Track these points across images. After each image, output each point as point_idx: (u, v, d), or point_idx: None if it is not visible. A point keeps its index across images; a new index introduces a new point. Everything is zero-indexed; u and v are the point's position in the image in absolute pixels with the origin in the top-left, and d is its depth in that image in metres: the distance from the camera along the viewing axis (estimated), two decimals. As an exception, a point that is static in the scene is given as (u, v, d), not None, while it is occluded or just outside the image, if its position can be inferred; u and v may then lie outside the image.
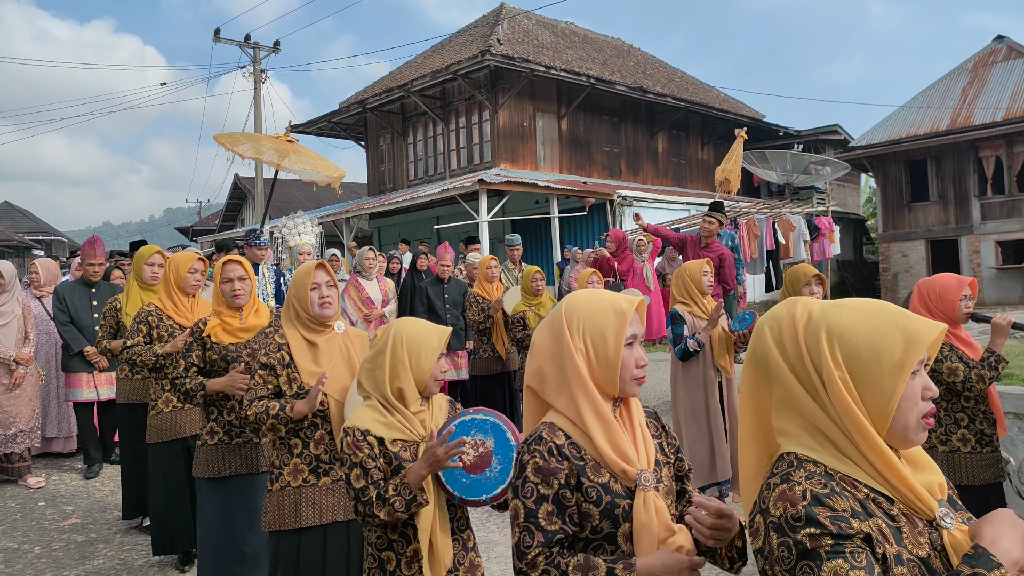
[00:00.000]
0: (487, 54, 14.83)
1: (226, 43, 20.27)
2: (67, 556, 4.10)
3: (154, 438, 3.69)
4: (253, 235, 5.98)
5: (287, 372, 2.53)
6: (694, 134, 20.38)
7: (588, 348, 1.51)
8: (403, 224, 18.88)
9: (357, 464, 1.95)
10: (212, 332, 3.06)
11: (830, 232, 11.43)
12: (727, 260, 6.51)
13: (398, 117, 18.80)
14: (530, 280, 5.60)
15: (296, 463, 2.51)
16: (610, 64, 18.77)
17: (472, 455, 1.95)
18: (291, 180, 25.39)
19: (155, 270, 4.23)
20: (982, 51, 19.42)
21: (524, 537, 1.44)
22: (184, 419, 3.66)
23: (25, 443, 5.34)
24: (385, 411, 2.03)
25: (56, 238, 34.37)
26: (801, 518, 1.08)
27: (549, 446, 1.47)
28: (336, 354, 2.60)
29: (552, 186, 13.72)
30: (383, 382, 2.04)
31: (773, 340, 1.23)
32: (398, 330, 2.08)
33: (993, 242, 17.39)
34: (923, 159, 18.48)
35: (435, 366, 2.06)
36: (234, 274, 3.09)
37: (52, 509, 4.91)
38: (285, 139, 7.38)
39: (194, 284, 3.69)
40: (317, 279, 2.59)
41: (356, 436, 1.98)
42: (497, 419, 1.98)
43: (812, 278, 3.93)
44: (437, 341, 2.06)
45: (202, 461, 3.06)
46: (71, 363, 5.50)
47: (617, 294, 1.59)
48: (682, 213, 15.09)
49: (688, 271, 4.44)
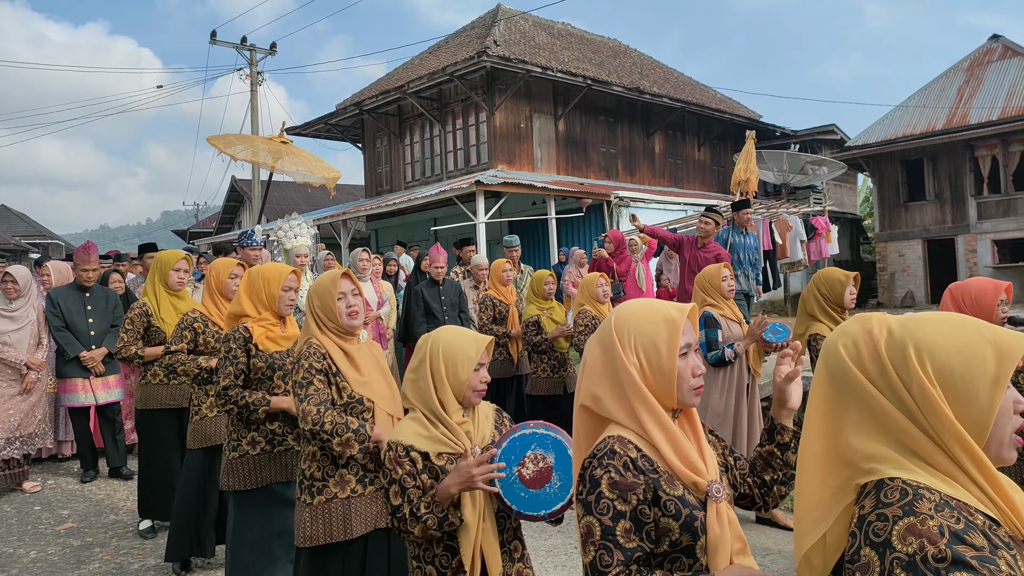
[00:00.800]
0: (483, 55, 14.83)
1: (222, 45, 20.26)
2: (63, 561, 4.09)
3: (197, 443, 3.63)
4: (245, 236, 5.97)
5: (336, 381, 2.47)
6: (690, 134, 20.40)
7: (642, 361, 1.48)
8: (400, 226, 18.87)
9: (396, 481, 1.92)
10: (259, 340, 3.00)
11: (827, 232, 11.45)
12: (723, 260, 6.52)
13: (395, 119, 18.80)
14: (542, 284, 5.54)
15: (343, 474, 2.44)
16: (606, 65, 18.78)
17: (532, 470, 1.92)
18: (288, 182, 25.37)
19: (181, 275, 4.21)
20: (978, 50, 19.46)
21: (602, 556, 1.39)
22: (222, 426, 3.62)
23: (25, 449, 5.28)
24: (429, 424, 1.99)
25: (53, 242, 34.31)
26: (945, 559, 0.99)
27: (624, 460, 1.42)
28: (370, 362, 2.56)
29: (549, 187, 13.72)
30: (427, 393, 1.99)
31: (850, 358, 1.17)
32: (435, 340, 2.04)
33: (989, 241, 17.42)
34: (919, 159, 18.51)
35: (473, 377, 2.01)
36: (294, 284, 3.10)
37: (48, 514, 4.89)
38: (279, 140, 7.37)
39: (234, 290, 3.65)
40: (343, 288, 2.53)
41: (398, 452, 1.94)
42: (559, 435, 1.93)
43: (851, 280, 3.77)
44: (474, 351, 2.00)
45: (241, 472, 2.99)
46: (66, 369, 5.44)
47: (667, 303, 1.54)
48: (679, 213, 15.10)
49: (708, 276, 4.36)
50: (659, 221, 12.91)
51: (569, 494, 1.86)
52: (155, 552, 4.18)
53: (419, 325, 6.52)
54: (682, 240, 6.79)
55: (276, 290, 3.05)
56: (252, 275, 3.07)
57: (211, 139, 7.45)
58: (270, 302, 3.05)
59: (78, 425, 5.59)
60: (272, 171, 7.29)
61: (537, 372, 5.52)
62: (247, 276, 3.12)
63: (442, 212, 16.69)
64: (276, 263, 3.37)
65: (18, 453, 5.25)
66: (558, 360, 5.51)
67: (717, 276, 4.35)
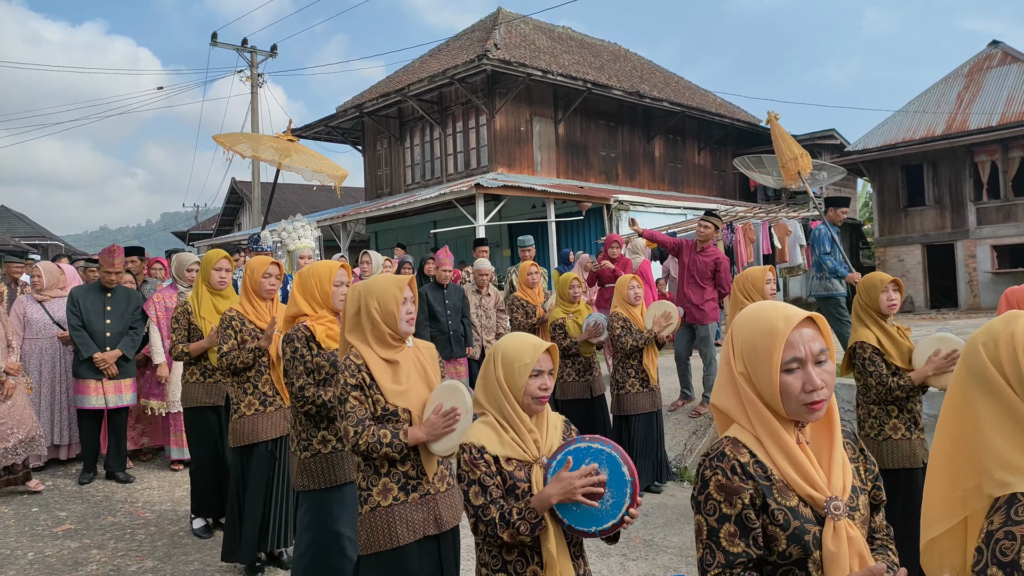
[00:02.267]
0: (484, 59, 14.85)
1: (223, 47, 20.29)
2: (60, 562, 4.08)
3: (236, 442, 3.65)
4: (253, 240, 5.96)
5: (371, 394, 2.44)
6: (690, 138, 20.42)
7: (747, 371, 1.45)
8: (400, 228, 18.88)
9: (476, 481, 1.93)
10: (321, 339, 3.00)
11: (826, 236, 11.41)
12: (722, 264, 6.52)
13: (395, 121, 18.81)
14: (567, 287, 5.51)
15: (385, 483, 2.43)
16: (607, 69, 18.81)
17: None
18: (287, 184, 25.39)
19: (223, 275, 4.30)
20: (977, 56, 19.49)
21: (706, 555, 1.41)
22: (266, 423, 3.65)
23: (26, 453, 5.14)
24: (500, 428, 2.00)
25: (53, 242, 34.28)
26: None
27: (732, 463, 1.41)
28: (412, 370, 2.53)
29: (549, 190, 13.73)
30: (497, 398, 2.02)
31: (989, 357, 1.14)
32: (497, 346, 2.07)
33: (989, 247, 17.43)
34: (919, 164, 18.52)
35: (530, 383, 2.01)
36: (345, 279, 3.13)
37: (46, 515, 4.88)
38: (286, 138, 7.35)
39: (269, 288, 3.73)
40: (407, 293, 2.52)
41: (473, 453, 1.95)
42: (614, 451, 1.89)
43: (889, 284, 3.59)
44: (531, 356, 2.01)
45: (314, 471, 3.00)
46: (80, 369, 5.39)
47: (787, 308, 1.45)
48: (679, 217, 15.10)
49: (751, 277, 4.18)
50: (659, 225, 12.91)
51: (621, 512, 1.84)
52: (153, 554, 4.18)
53: (423, 328, 6.51)
54: (681, 244, 6.79)
55: (328, 287, 3.08)
56: (303, 275, 3.13)
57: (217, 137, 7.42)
58: (324, 299, 3.08)
59: (85, 427, 5.49)
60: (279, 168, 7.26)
61: (563, 376, 5.50)
62: (299, 277, 3.16)
63: (442, 215, 16.70)
64: (326, 260, 3.42)
65: (20, 458, 5.12)
66: (583, 364, 5.47)
67: (761, 279, 4.12)
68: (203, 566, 3.97)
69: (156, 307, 5.52)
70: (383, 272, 6.51)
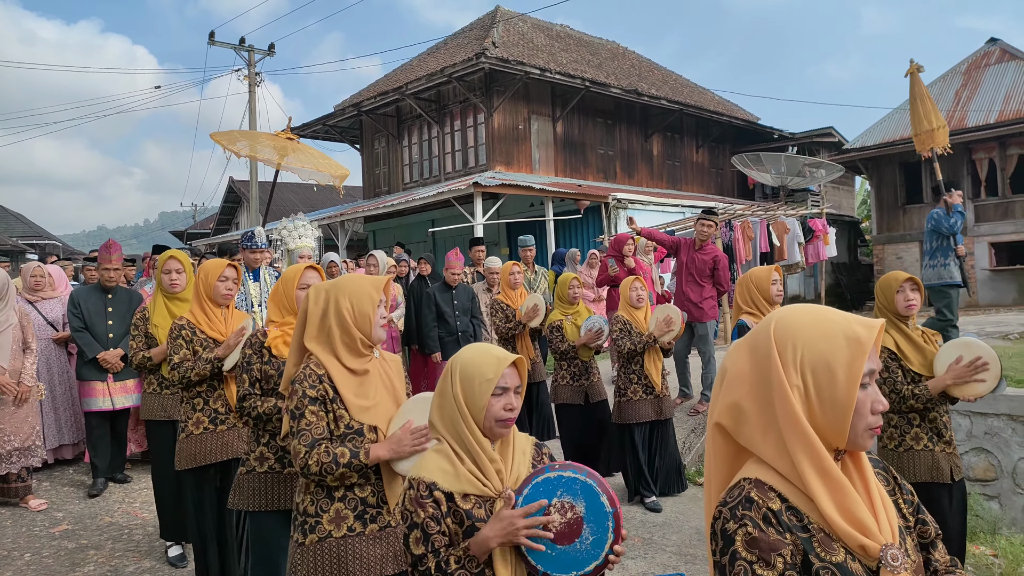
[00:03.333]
0: (482, 57, 14.84)
1: (221, 46, 20.25)
2: (57, 563, 4.07)
3: (183, 464, 3.35)
4: (247, 237, 5.81)
5: (333, 408, 2.15)
6: (688, 137, 20.41)
7: (808, 385, 1.16)
8: (398, 227, 18.86)
9: (418, 525, 1.64)
10: (273, 344, 2.71)
11: (824, 234, 11.44)
12: (721, 262, 6.52)
13: (393, 120, 18.79)
14: (566, 288, 5.29)
15: (339, 508, 2.12)
16: (605, 67, 18.79)
17: (559, 521, 1.62)
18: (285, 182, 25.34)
19: (172, 277, 3.97)
20: (975, 54, 19.50)
21: None
22: (215, 443, 3.36)
23: (23, 462, 4.97)
24: (455, 458, 1.70)
25: (50, 242, 34.22)
26: None
27: (764, 512, 1.14)
28: (380, 383, 2.26)
29: (547, 189, 13.72)
30: (454, 420, 1.72)
31: None
32: (455, 358, 1.78)
33: (987, 244, 17.44)
34: (917, 161, 18.51)
35: (493, 403, 1.70)
36: (312, 282, 2.81)
37: (42, 515, 4.87)
38: (285, 136, 7.25)
39: (225, 293, 3.42)
40: (383, 295, 2.25)
41: (420, 491, 1.66)
42: (589, 478, 1.64)
43: (906, 283, 3.35)
44: (493, 372, 1.71)
45: (248, 491, 2.69)
46: (84, 371, 5.30)
47: (847, 314, 1.22)
48: (677, 216, 15.10)
49: (755, 278, 3.91)
50: (657, 223, 12.90)
51: (604, 551, 1.60)
52: (150, 554, 4.16)
53: (430, 329, 6.45)
54: (679, 243, 6.79)
55: (292, 290, 2.81)
56: (199, 269, 2.95)
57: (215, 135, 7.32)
58: (289, 303, 2.80)
59: (93, 430, 5.33)
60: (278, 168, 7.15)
61: (557, 380, 5.32)
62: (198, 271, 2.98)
63: (440, 214, 16.69)
64: (295, 264, 3.10)
65: (16, 468, 4.93)
66: (579, 368, 5.25)
67: (766, 279, 3.84)
68: (201, 566, 3.95)
69: None
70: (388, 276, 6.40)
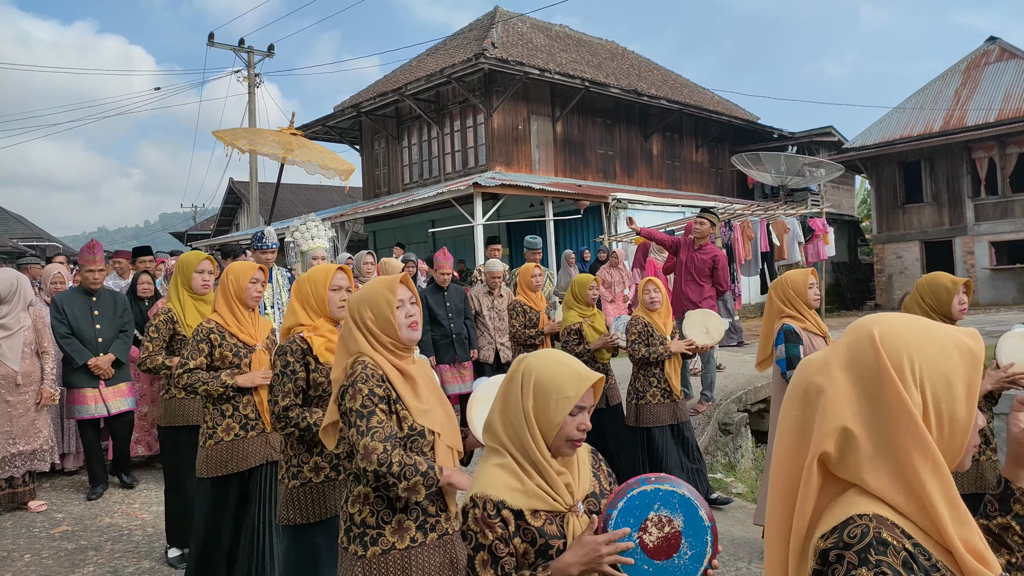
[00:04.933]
0: (481, 57, 14.84)
1: (220, 47, 20.26)
2: (57, 564, 4.07)
3: (210, 472, 3.21)
4: (257, 237, 5.68)
5: (397, 409, 2.06)
6: (688, 136, 20.41)
7: (928, 403, 1.03)
8: (398, 228, 18.86)
9: (485, 547, 1.55)
10: (319, 352, 2.63)
11: (824, 234, 11.42)
12: (720, 262, 6.51)
13: (393, 121, 18.80)
14: (585, 289, 5.12)
15: (401, 519, 2.04)
16: (604, 67, 18.80)
17: (656, 536, 1.56)
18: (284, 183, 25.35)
19: (205, 278, 3.93)
20: (974, 52, 19.51)
21: None
22: (247, 449, 3.24)
23: (27, 466, 4.90)
24: (522, 472, 1.61)
25: (51, 243, 34.23)
26: None
27: (903, 555, 0.96)
28: (426, 386, 2.17)
29: (547, 189, 13.72)
30: (521, 432, 1.61)
31: None
32: (528, 367, 1.66)
33: (987, 243, 17.44)
34: (917, 160, 18.53)
35: (568, 423, 1.61)
36: (343, 283, 2.77)
37: (42, 517, 4.86)
38: (289, 132, 7.18)
39: (255, 296, 3.35)
40: (401, 295, 2.16)
41: (487, 511, 1.56)
42: (686, 491, 1.59)
43: (961, 286, 3.27)
44: (575, 390, 1.61)
45: (304, 503, 2.61)
46: (73, 378, 5.09)
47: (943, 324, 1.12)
48: (677, 215, 15.09)
49: (790, 281, 3.80)
50: (657, 223, 12.90)
51: (703, 566, 1.55)
52: (150, 555, 4.16)
53: (424, 332, 6.43)
54: (678, 242, 6.78)
55: (324, 292, 2.72)
56: (300, 281, 2.81)
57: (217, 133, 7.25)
58: (320, 306, 2.72)
59: (88, 438, 5.22)
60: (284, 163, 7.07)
61: None
62: (296, 283, 2.83)
63: (440, 214, 16.69)
64: (324, 264, 3.03)
65: (19, 472, 4.87)
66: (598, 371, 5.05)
67: (803, 282, 3.77)
68: None
69: None
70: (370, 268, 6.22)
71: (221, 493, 3.27)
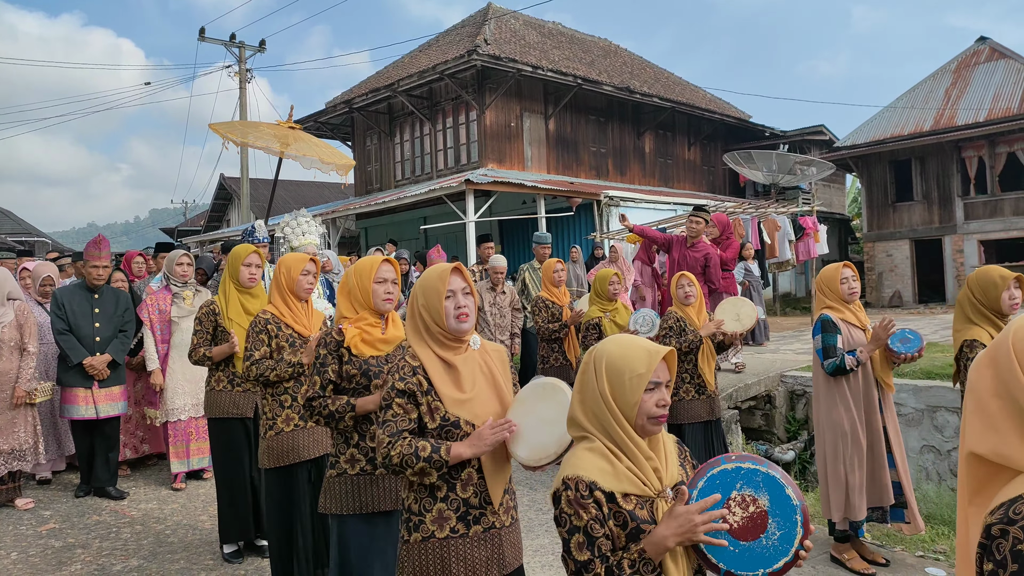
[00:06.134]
0: (474, 54, 14.81)
1: (211, 42, 20.13)
2: (44, 562, 4.04)
3: (272, 462, 3.24)
4: (248, 232, 5.59)
5: (427, 400, 2.06)
6: (680, 134, 20.44)
7: None
8: (390, 225, 18.81)
9: (580, 529, 1.55)
10: (352, 343, 2.62)
11: (815, 232, 11.48)
12: (712, 260, 6.52)
13: (385, 117, 18.74)
14: (606, 284, 5.08)
15: (441, 508, 2.04)
16: (597, 64, 18.79)
17: (740, 516, 1.52)
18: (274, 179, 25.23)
19: (252, 271, 3.90)
20: (965, 52, 19.60)
21: None
22: (308, 439, 3.27)
23: (11, 466, 4.82)
24: (612, 455, 1.62)
25: (40, 239, 33.97)
26: None
27: None
28: (479, 376, 2.15)
29: (539, 186, 13.71)
30: (603, 417, 1.63)
31: None
32: (599, 352, 1.69)
33: (976, 241, 17.55)
34: (907, 159, 18.61)
35: (645, 399, 1.62)
36: (389, 276, 2.71)
37: (29, 514, 4.83)
38: (287, 125, 7.10)
39: (307, 288, 3.37)
40: (452, 286, 2.14)
41: (580, 491, 1.57)
42: (770, 470, 1.53)
43: (1012, 281, 3.21)
44: (646, 366, 1.62)
45: (339, 494, 2.59)
46: (67, 376, 4.99)
47: None
48: (669, 213, 15.11)
49: (824, 277, 3.83)
50: (649, 221, 12.91)
51: (794, 546, 1.49)
52: (138, 553, 4.14)
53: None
54: (671, 240, 6.79)
55: (369, 283, 2.67)
56: (347, 273, 2.79)
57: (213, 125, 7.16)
58: (364, 298, 2.68)
59: (79, 439, 5.15)
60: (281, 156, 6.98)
61: None
62: (344, 275, 2.82)
63: (432, 211, 16.66)
64: (371, 255, 2.96)
65: (2, 471, 4.78)
66: None
67: (835, 278, 3.78)
68: (189, 564, 3.93)
69: (149, 310, 5.16)
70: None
71: (287, 483, 3.28)
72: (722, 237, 7.63)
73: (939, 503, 5.86)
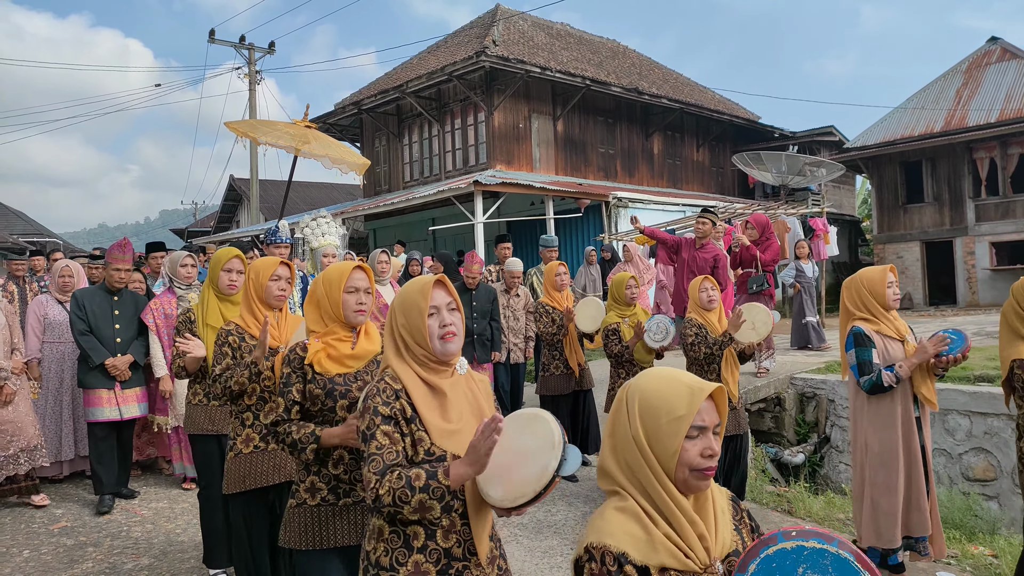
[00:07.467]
0: (482, 55, 14.83)
1: (221, 44, 20.25)
2: (55, 560, 4.07)
3: (234, 487, 2.98)
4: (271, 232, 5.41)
5: (411, 429, 1.81)
6: (689, 135, 20.40)
7: None
8: (399, 226, 18.85)
9: None
10: (315, 359, 2.33)
11: (825, 233, 11.41)
12: (721, 261, 6.50)
13: (394, 118, 18.78)
14: (623, 288, 4.98)
15: (418, 561, 1.77)
16: (605, 65, 18.78)
17: None
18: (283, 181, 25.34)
19: (233, 277, 3.60)
20: (976, 52, 19.47)
21: None
22: (267, 464, 3.00)
23: (31, 463, 4.83)
24: (647, 519, 1.35)
25: (51, 239, 34.19)
26: None
27: None
28: (465, 406, 1.90)
29: (547, 187, 13.71)
30: (639, 469, 1.35)
31: None
32: (631, 388, 1.43)
33: (988, 243, 17.42)
34: (918, 160, 18.51)
35: (688, 448, 1.34)
36: (361, 284, 2.41)
37: (41, 512, 4.87)
38: (303, 124, 7.09)
39: (278, 295, 3.08)
40: (436, 301, 1.89)
41: (607, 565, 1.30)
42: (841, 549, 1.22)
43: None
44: (687, 407, 1.35)
45: (299, 527, 2.33)
46: (88, 378, 4.92)
47: None
48: (677, 214, 15.08)
49: (865, 280, 3.41)
50: (657, 222, 12.89)
51: None
52: (149, 552, 4.16)
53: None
54: (680, 241, 6.78)
55: (338, 294, 2.38)
56: (315, 282, 2.51)
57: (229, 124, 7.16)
58: (334, 309, 2.38)
59: (96, 442, 4.96)
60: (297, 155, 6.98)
61: (614, 386, 5.10)
62: (312, 284, 2.55)
63: (440, 212, 16.68)
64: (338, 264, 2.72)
65: (23, 469, 4.80)
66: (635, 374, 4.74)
67: (881, 282, 3.37)
68: (199, 563, 3.95)
69: (155, 315, 5.02)
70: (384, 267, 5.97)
71: (250, 510, 3.03)
72: (761, 238, 7.56)
73: (950, 507, 5.82)
